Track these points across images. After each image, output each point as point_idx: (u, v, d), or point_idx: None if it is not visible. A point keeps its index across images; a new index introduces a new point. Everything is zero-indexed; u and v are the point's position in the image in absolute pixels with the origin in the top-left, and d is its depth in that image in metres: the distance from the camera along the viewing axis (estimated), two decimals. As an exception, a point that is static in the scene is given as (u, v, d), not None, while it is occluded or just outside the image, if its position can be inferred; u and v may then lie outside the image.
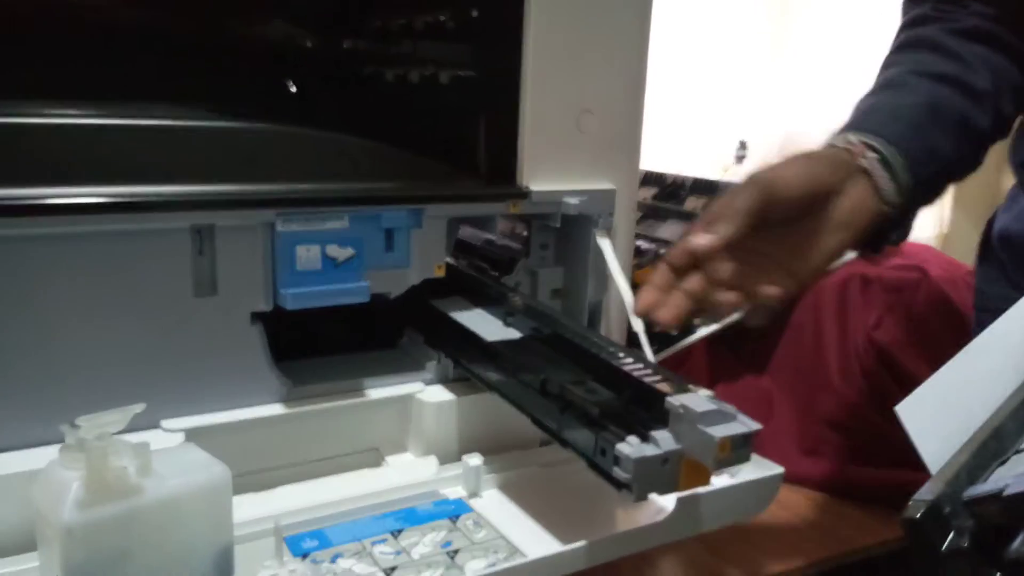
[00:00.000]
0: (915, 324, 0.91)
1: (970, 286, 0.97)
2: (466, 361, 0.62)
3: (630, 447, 0.45)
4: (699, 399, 0.47)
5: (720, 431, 0.45)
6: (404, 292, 0.63)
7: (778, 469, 0.59)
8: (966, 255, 0.97)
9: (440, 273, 0.64)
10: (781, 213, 0.56)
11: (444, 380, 0.66)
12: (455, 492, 0.58)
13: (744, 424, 0.46)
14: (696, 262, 0.54)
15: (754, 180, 0.56)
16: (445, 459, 0.63)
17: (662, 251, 0.95)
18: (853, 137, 0.60)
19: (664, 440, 0.46)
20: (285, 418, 0.59)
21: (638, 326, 0.68)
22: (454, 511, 0.55)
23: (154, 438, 0.54)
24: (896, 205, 0.60)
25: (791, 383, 0.91)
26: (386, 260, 0.62)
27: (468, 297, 0.69)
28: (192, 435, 0.55)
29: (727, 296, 0.55)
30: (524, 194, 0.65)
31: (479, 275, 0.71)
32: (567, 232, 0.71)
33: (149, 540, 0.41)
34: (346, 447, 0.63)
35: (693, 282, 0.53)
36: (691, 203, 1.03)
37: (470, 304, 0.68)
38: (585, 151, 0.68)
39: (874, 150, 0.59)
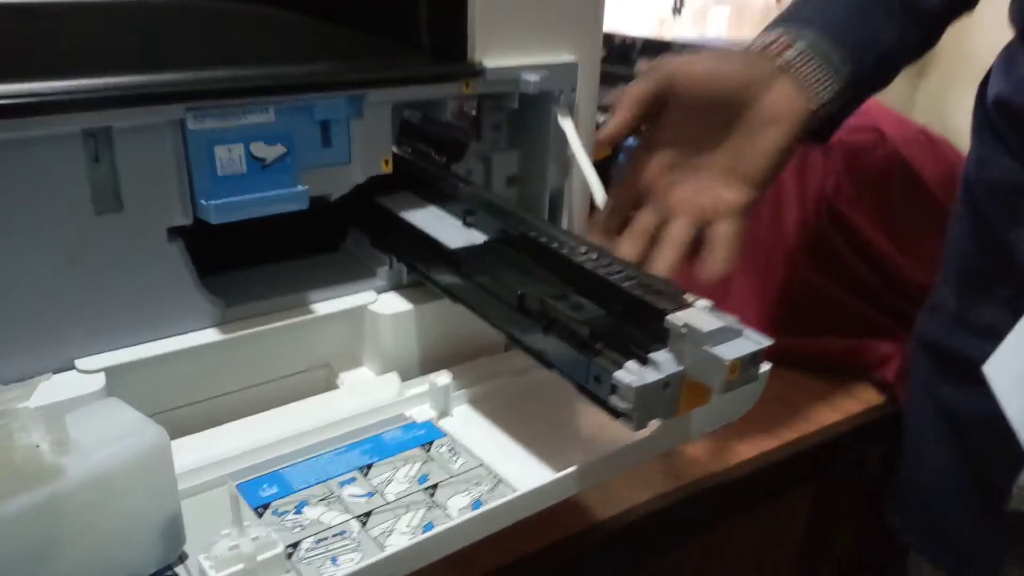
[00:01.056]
0: (873, 189, 0.88)
1: (923, 144, 0.94)
2: (424, 268, 0.55)
3: (629, 374, 0.40)
4: (702, 315, 0.42)
5: (729, 351, 0.40)
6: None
7: (766, 366, 0.55)
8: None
9: (387, 169, 0.56)
10: (685, 105, 0.58)
11: (398, 286, 0.59)
12: (422, 413, 0.53)
13: (753, 340, 0.41)
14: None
15: (653, 68, 0.58)
16: (406, 374, 0.57)
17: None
18: (776, 34, 0.59)
19: (665, 363, 0.41)
20: (220, 345, 0.52)
21: (599, 198, 0.62)
22: (425, 436, 0.50)
23: (69, 382, 0.47)
24: (838, 95, 0.59)
25: (749, 258, 0.87)
26: (324, 157, 0.53)
27: (418, 192, 0.61)
28: (114, 374, 0.48)
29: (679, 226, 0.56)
30: (478, 72, 0.56)
31: (428, 165, 0.63)
32: (523, 113, 0.63)
33: (79, 525, 0.35)
34: (294, 368, 0.56)
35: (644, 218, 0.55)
36: (642, 65, 0.95)
37: (422, 201, 0.61)
38: (543, 18, 0.59)
39: (800, 45, 0.58)
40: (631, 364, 0.41)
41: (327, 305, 0.56)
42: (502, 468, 0.48)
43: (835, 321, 0.81)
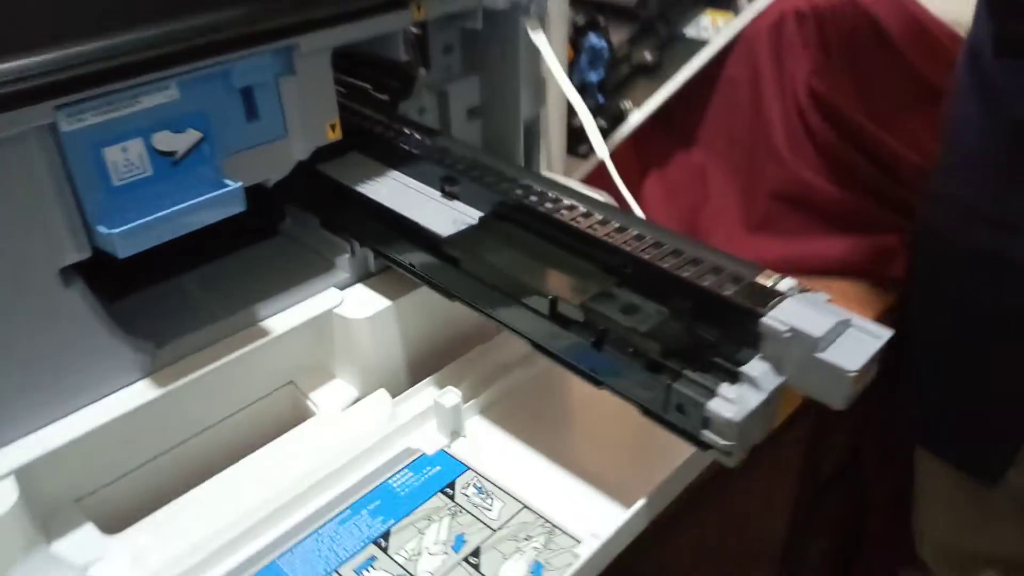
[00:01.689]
0: (851, 62, 0.79)
1: (894, 3, 0.85)
2: (403, 258, 0.44)
3: (728, 404, 0.31)
4: (803, 309, 0.32)
5: (849, 356, 0.31)
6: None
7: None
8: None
9: (335, 136, 0.43)
10: None
11: (365, 276, 0.48)
12: (429, 439, 0.43)
13: (870, 334, 0.33)
14: None
15: None
16: (393, 385, 0.46)
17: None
18: None
19: (764, 377, 0.32)
20: (156, 402, 0.40)
21: (588, 122, 0.51)
22: (443, 475, 0.41)
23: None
24: None
25: (727, 154, 0.78)
26: (251, 135, 0.39)
27: (369, 152, 0.48)
28: (28, 474, 0.36)
29: None
30: (433, -13, 0.43)
31: (373, 112, 0.49)
32: (482, 29, 0.50)
33: None
34: (250, 399, 0.45)
35: None
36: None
37: (378, 165, 0.48)
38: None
39: None
40: (725, 388, 0.32)
41: (283, 319, 0.44)
42: (549, 507, 0.39)
43: (831, 219, 0.74)
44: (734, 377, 0.33)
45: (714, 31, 0.77)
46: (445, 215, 0.43)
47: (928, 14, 0.85)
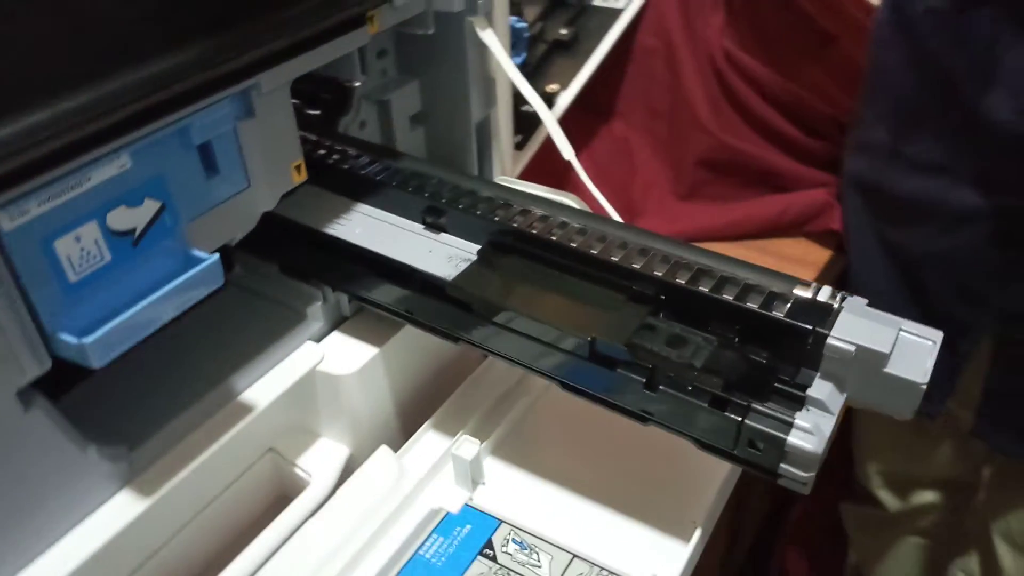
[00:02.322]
0: (752, 19, 0.80)
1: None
2: (393, 304, 0.39)
3: (807, 436, 0.30)
4: (860, 322, 0.31)
5: (915, 369, 0.30)
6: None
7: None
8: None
9: (301, 178, 0.37)
10: None
11: (340, 322, 0.43)
12: (448, 495, 0.39)
13: (918, 335, 0.32)
14: None
15: None
16: (390, 438, 0.43)
17: None
18: None
19: (831, 398, 0.31)
20: (142, 516, 0.34)
21: (552, 125, 0.48)
22: (477, 534, 0.37)
23: None
24: None
25: (649, 125, 0.77)
26: (213, 192, 0.34)
27: (327, 183, 0.43)
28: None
29: None
30: (386, -2, 0.38)
31: (316, 136, 0.44)
32: (423, 34, 0.45)
33: None
34: (230, 480, 0.40)
35: None
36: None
37: (341, 198, 0.43)
38: None
39: None
40: (800, 419, 0.30)
41: (263, 389, 0.39)
42: (601, 552, 0.36)
43: (760, 180, 0.75)
44: (799, 401, 0.31)
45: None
46: (436, 252, 0.39)
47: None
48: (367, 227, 0.40)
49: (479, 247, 0.38)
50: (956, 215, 0.63)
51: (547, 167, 0.69)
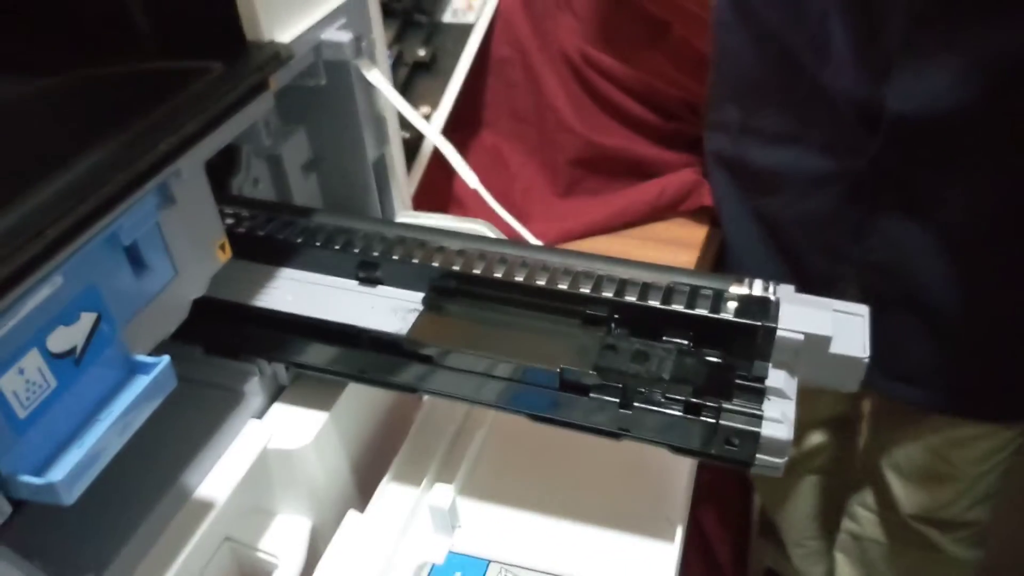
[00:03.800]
0: (593, 15, 0.83)
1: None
2: (342, 366, 0.38)
3: (778, 425, 0.32)
4: (800, 310, 0.34)
5: (856, 345, 0.33)
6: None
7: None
8: None
9: (227, 256, 0.35)
10: None
11: (279, 391, 0.41)
12: (429, 545, 0.39)
13: (849, 312, 0.35)
14: None
15: None
16: (348, 497, 0.42)
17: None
18: None
19: (787, 384, 0.34)
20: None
21: (453, 155, 0.48)
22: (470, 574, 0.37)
23: None
24: None
25: (517, 131, 0.79)
26: (143, 289, 0.31)
27: (240, 252, 0.41)
28: None
29: None
30: (284, 56, 0.36)
31: (227, 206, 0.42)
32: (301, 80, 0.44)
33: None
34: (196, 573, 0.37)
35: None
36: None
37: (259, 265, 0.41)
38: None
39: None
40: (770, 409, 0.32)
41: (216, 482, 0.37)
42: (594, 571, 0.37)
43: (631, 170, 0.78)
44: (760, 393, 0.33)
45: (469, 13, 0.75)
46: (378, 307, 0.38)
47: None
48: (298, 292, 0.39)
49: (422, 295, 0.38)
50: (810, 180, 0.68)
51: (432, 189, 0.69)
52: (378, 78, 0.45)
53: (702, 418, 0.33)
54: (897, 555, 0.85)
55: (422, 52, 0.70)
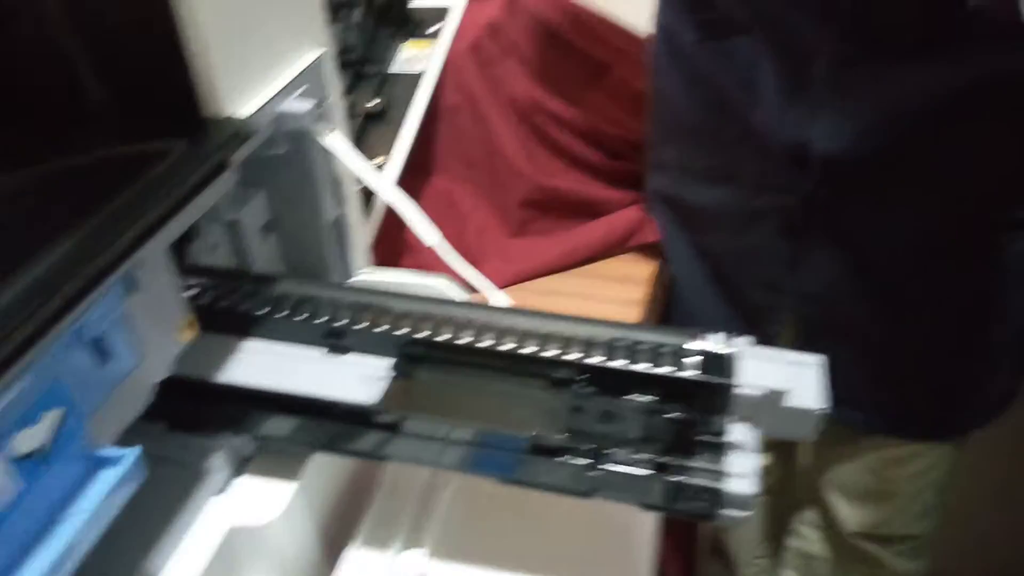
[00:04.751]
0: (537, 60, 0.85)
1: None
2: (310, 437, 0.38)
3: (743, 480, 0.33)
4: (758, 365, 0.35)
5: (812, 397, 0.35)
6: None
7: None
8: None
9: (193, 333, 0.35)
10: None
11: (244, 464, 0.41)
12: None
13: (803, 364, 0.36)
14: None
15: None
16: (315, 566, 0.41)
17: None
18: None
19: (748, 439, 0.35)
20: None
21: (413, 213, 0.48)
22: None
23: None
24: None
25: (468, 176, 0.79)
26: (108, 378, 0.31)
27: (207, 324, 0.41)
28: None
29: None
30: (244, 133, 0.37)
31: (187, 277, 0.42)
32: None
33: None
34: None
35: None
36: None
37: (223, 337, 0.40)
38: (272, 6, 0.40)
39: None
40: (733, 465, 0.34)
41: (179, 568, 0.36)
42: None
43: (579, 209, 0.79)
44: (723, 448, 0.35)
45: (418, 62, 0.76)
46: (347, 375, 0.38)
47: (571, 1, 0.92)
48: (265, 364, 0.39)
49: (392, 361, 0.38)
50: (744, 217, 0.70)
51: (390, 238, 0.69)
52: (338, 143, 0.46)
53: (669, 477, 0.34)
54: (842, 571, 0.88)
55: (373, 103, 0.71)
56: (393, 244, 0.72)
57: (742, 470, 0.33)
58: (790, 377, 0.35)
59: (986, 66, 0.57)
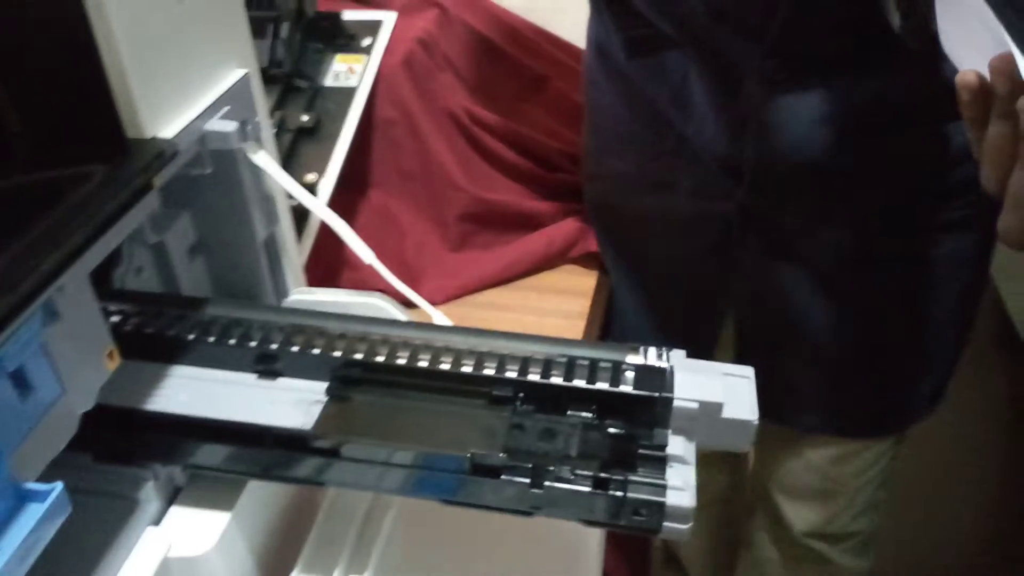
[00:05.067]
0: (473, 74, 0.85)
1: (484, 12, 0.91)
2: (242, 466, 0.37)
3: (682, 493, 0.34)
4: (692, 378, 0.36)
5: (745, 408, 0.36)
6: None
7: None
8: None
9: (116, 363, 0.34)
10: None
11: (174, 494, 0.39)
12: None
13: (736, 375, 0.37)
14: None
15: None
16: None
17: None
18: None
19: (686, 451, 0.35)
20: None
21: (347, 233, 0.47)
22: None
23: None
24: None
25: (405, 189, 0.79)
26: (29, 412, 0.30)
27: (126, 353, 0.39)
28: None
29: None
30: (168, 153, 0.36)
31: (110, 303, 0.40)
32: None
33: None
34: None
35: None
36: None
37: (147, 365, 0.39)
38: (194, 26, 0.39)
39: None
40: (672, 478, 0.34)
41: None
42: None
43: (519, 222, 0.79)
44: (662, 462, 0.35)
45: (351, 76, 0.75)
46: (279, 401, 0.37)
47: (508, 13, 0.93)
48: (193, 391, 0.38)
49: (325, 384, 0.37)
50: (683, 224, 0.72)
51: (324, 255, 0.68)
52: (266, 161, 0.45)
53: (610, 492, 0.34)
54: (792, 572, 0.90)
55: (305, 118, 0.70)
56: (332, 261, 0.71)
57: (681, 483, 0.34)
58: (725, 389, 0.36)
59: (907, 82, 0.59)
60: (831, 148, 0.62)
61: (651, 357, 0.37)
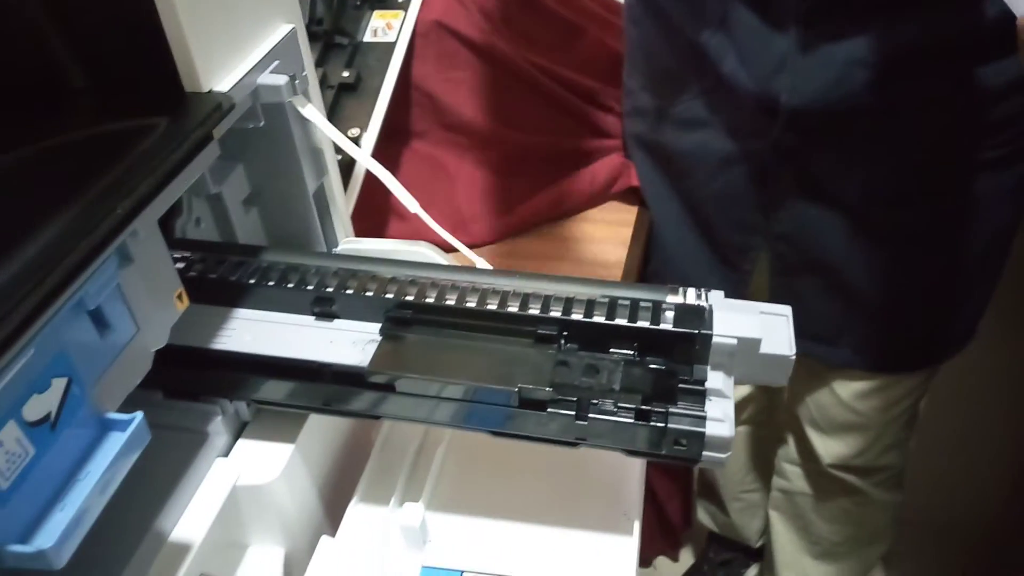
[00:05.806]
0: (510, 25, 0.85)
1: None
2: (305, 400, 0.39)
3: (720, 424, 0.35)
4: (732, 315, 0.37)
5: (783, 344, 0.37)
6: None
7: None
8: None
9: (184, 304, 0.36)
10: None
11: (241, 428, 0.42)
12: (399, 561, 0.41)
13: (774, 313, 0.38)
14: None
15: None
16: (317, 523, 0.43)
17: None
18: None
19: (725, 385, 0.37)
20: None
21: (393, 184, 0.49)
22: (444, 592, 0.39)
23: None
24: None
25: (448, 139, 0.80)
26: (107, 349, 0.32)
27: (193, 296, 0.42)
28: None
29: None
30: (226, 106, 0.37)
31: (175, 251, 0.42)
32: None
33: None
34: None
35: None
36: None
37: (214, 308, 0.41)
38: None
39: None
40: (712, 410, 0.35)
41: (190, 525, 0.38)
42: (564, 570, 0.40)
43: (562, 159, 0.80)
44: (701, 395, 0.36)
45: (389, 31, 0.76)
46: (337, 341, 0.39)
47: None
48: (256, 332, 0.40)
49: (379, 325, 0.39)
50: (719, 162, 0.72)
51: (371, 208, 0.70)
52: (314, 114, 0.46)
53: (652, 423, 0.36)
54: (825, 503, 0.91)
55: (346, 74, 0.71)
56: (380, 213, 0.73)
57: (720, 414, 0.35)
58: (762, 326, 0.37)
59: (943, 24, 0.58)
60: (866, 89, 0.62)
61: (691, 297, 0.39)
